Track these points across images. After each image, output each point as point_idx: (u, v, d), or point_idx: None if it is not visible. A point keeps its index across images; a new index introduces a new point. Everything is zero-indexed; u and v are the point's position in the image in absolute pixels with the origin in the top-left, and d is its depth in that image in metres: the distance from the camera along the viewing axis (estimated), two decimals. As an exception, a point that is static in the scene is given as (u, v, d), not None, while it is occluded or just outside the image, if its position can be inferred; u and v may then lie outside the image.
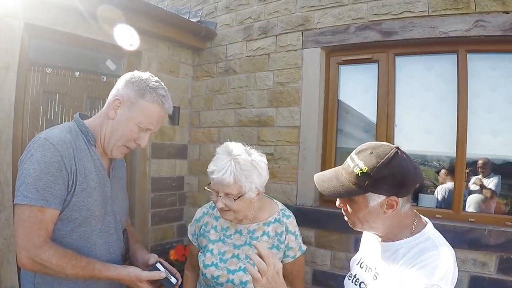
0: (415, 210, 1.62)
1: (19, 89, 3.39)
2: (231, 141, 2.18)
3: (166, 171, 4.90)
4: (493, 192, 3.70)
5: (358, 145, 1.59)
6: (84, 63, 4.06)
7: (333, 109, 4.13)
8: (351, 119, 4.23)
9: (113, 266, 1.84)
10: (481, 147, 3.47)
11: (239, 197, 2.05)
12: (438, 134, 3.64)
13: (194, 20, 5.00)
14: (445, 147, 3.62)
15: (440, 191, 4.00)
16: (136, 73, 1.94)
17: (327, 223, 3.84)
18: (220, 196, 2.06)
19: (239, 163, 2.02)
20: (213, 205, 2.37)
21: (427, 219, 1.62)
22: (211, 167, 2.07)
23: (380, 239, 1.65)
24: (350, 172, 1.50)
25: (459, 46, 3.40)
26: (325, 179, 1.61)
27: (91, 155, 1.89)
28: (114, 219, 2.01)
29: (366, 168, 1.44)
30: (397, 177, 1.43)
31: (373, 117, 3.88)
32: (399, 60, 3.79)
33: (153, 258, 2.04)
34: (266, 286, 1.55)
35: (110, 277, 1.81)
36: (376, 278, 1.60)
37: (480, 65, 3.41)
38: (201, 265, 2.23)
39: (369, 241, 1.79)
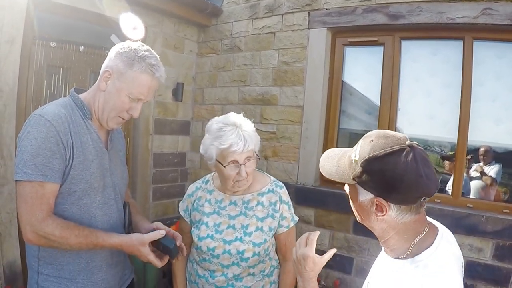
0: (429, 223, 1.39)
1: (23, 63, 3.38)
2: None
3: (169, 147, 4.92)
4: (493, 180, 3.71)
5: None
6: (88, 38, 4.03)
7: (337, 90, 4.12)
8: (355, 101, 4.23)
9: (116, 234, 1.88)
10: (483, 134, 3.48)
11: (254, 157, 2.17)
12: (441, 120, 3.64)
13: (200, -4, 4.95)
14: (447, 133, 3.62)
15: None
16: (126, 43, 1.92)
17: (327, 203, 3.88)
18: (243, 164, 2.12)
19: (246, 130, 2.12)
20: (206, 179, 2.45)
21: (441, 232, 1.38)
22: (225, 142, 2.08)
23: (383, 247, 1.48)
24: (349, 156, 1.36)
25: (465, 33, 3.38)
26: (330, 156, 1.47)
27: (87, 128, 1.89)
28: (113, 190, 2.02)
29: (358, 157, 1.29)
30: (387, 176, 1.22)
31: (376, 100, 3.88)
32: (405, 44, 3.77)
33: (159, 225, 2.08)
34: (295, 264, 1.63)
35: (113, 244, 1.83)
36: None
37: (486, 53, 3.39)
38: (195, 239, 2.25)
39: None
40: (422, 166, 1.21)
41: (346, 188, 1.44)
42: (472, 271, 3.19)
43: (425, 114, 3.73)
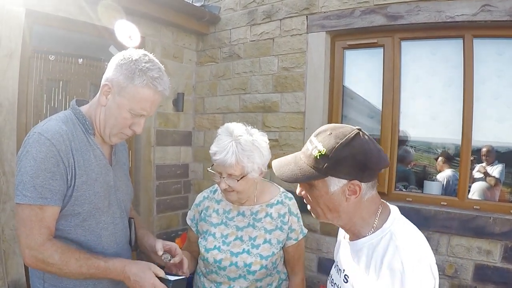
0: (380, 198, 1.53)
1: (22, 77, 3.37)
2: (236, 127, 2.16)
3: (171, 159, 4.89)
4: (497, 180, 3.68)
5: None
6: (87, 50, 4.02)
7: (338, 95, 4.09)
8: (356, 105, 4.19)
9: (117, 258, 1.79)
10: (486, 134, 3.44)
11: (242, 178, 2.05)
12: (444, 120, 3.61)
13: (198, 4, 4.93)
14: (450, 134, 3.60)
15: (440, 180, 3.98)
16: (127, 54, 1.79)
17: (331, 210, 3.82)
18: (223, 177, 2.06)
19: (240, 143, 2.01)
20: (214, 189, 2.40)
21: (392, 207, 1.53)
22: (213, 148, 2.06)
23: (348, 237, 1.59)
24: (308, 155, 1.41)
25: (465, 31, 3.35)
26: (283, 164, 1.52)
27: (90, 145, 1.82)
28: (119, 208, 1.96)
29: (325, 150, 1.35)
30: (358, 158, 1.34)
31: (378, 103, 3.86)
32: (405, 45, 3.74)
33: (159, 244, 2.01)
34: None
35: (116, 265, 1.73)
36: (347, 282, 1.53)
37: (486, 51, 3.36)
38: (202, 250, 2.22)
39: (340, 238, 1.76)
40: (375, 143, 1.41)
41: (301, 189, 1.53)
42: (481, 274, 3.15)
43: (428, 115, 3.70)
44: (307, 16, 4.12)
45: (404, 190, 3.96)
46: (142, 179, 4.52)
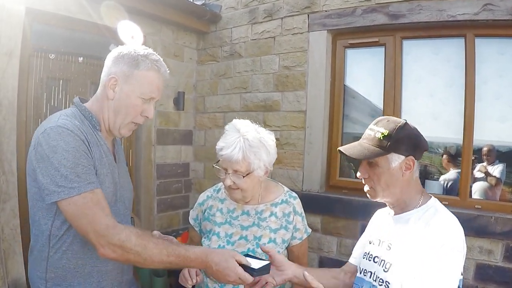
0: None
1: (22, 76, 3.34)
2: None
3: (172, 158, 4.87)
4: (498, 180, 3.67)
5: (364, 130, 1.81)
6: (87, 48, 4.00)
7: (339, 94, 4.08)
8: (357, 104, 4.18)
9: (197, 246, 1.80)
10: (487, 133, 3.42)
11: (247, 174, 2.05)
12: (445, 120, 3.59)
13: (199, 3, 4.92)
14: (452, 133, 3.57)
15: (443, 182, 3.97)
16: (123, 48, 1.87)
17: (333, 209, 3.82)
18: (229, 174, 2.06)
19: (248, 139, 2.03)
20: (217, 188, 2.40)
21: (431, 196, 1.79)
22: (220, 144, 2.07)
23: (392, 212, 1.84)
24: (372, 138, 1.72)
25: (467, 30, 3.33)
26: (350, 147, 1.80)
27: (98, 141, 1.83)
28: (123, 205, 1.98)
29: (387, 131, 1.67)
30: (413, 138, 1.70)
31: (379, 103, 3.84)
32: (406, 44, 3.72)
33: (155, 232, 2.01)
34: None
35: (197, 253, 1.71)
36: (390, 249, 1.74)
37: (488, 50, 3.34)
38: None
39: (380, 220, 1.98)
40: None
41: (363, 172, 1.79)
42: (482, 273, 3.13)
43: (429, 114, 3.68)
44: (308, 15, 4.11)
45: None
46: (142, 178, 4.50)
